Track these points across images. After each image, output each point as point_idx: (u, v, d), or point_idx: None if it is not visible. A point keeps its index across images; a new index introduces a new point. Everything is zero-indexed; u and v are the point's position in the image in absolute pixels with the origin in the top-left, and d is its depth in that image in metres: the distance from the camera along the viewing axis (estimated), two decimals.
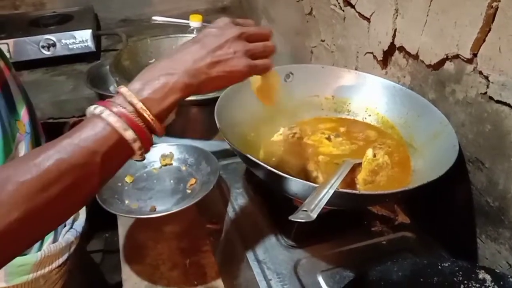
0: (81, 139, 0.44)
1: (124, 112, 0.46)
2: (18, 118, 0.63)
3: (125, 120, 0.45)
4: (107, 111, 0.45)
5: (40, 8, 1.64)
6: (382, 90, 0.81)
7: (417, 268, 0.60)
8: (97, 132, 0.45)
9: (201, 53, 0.52)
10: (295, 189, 0.60)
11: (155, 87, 0.48)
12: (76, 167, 0.43)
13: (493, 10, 0.59)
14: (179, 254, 0.79)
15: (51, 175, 0.41)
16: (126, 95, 0.47)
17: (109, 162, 0.46)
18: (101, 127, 0.45)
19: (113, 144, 0.45)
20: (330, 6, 1.03)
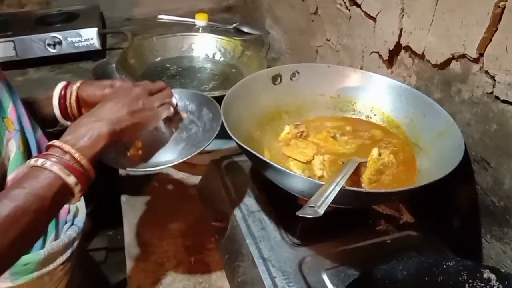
0: (31, 187, 0.51)
1: (64, 161, 0.53)
2: (5, 116, 0.64)
3: (66, 168, 0.53)
4: (49, 162, 0.52)
5: (46, 6, 1.65)
6: (387, 89, 0.81)
7: (422, 267, 0.60)
8: (43, 180, 0.52)
9: (118, 106, 0.63)
10: (301, 186, 0.60)
11: (85, 137, 0.57)
12: (30, 212, 0.50)
13: (500, 10, 0.59)
14: (184, 251, 0.80)
15: (9, 221, 0.48)
16: (63, 147, 0.54)
17: (54, 206, 0.53)
18: (46, 175, 0.52)
19: (58, 190, 0.52)
20: (335, 5, 1.03)
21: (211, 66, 1.07)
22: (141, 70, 1.00)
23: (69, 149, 0.54)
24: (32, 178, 0.52)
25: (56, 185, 0.52)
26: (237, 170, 0.82)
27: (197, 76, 1.03)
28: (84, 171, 0.55)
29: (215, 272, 0.76)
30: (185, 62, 1.07)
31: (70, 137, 0.57)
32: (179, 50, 1.08)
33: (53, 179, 0.52)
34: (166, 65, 1.05)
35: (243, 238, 0.69)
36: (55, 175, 0.52)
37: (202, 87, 0.98)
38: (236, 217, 0.72)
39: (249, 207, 0.74)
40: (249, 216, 0.72)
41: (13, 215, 0.48)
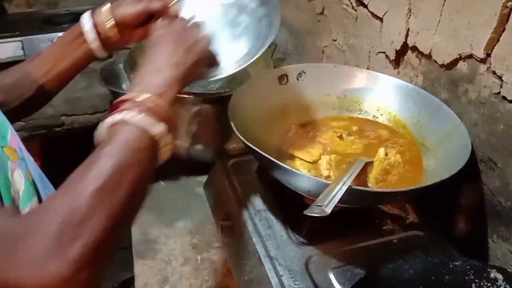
0: (121, 143, 0.46)
1: (144, 111, 0.48)
2: (6, 144, 0.55)
3: (149, 118, 0.48)
4: (128, 115, 0.47)
5: (53, 6, 1.66)
6: (394, 89, 0.82)
7: (428, 266, 0.60)
8: (130, 134, 0.47)
9: (171, 48, 0.57)
10: (308, 186, 0.60)
11: (154, 86, 0.52)
12: (131, 167, 0.45)
13: (507, 10, 0.59)
14: (191, 250, 0.80)
15: (116, 177, 0.43)
16: (136, 98, 0.49)
17: (151, 158, 0.48)
18: (132, 129, 0.47)
19: (147, 140, 0.48)
20: (342, 5, 1.03)
21: None
22: None
23: (143, 99, 0.49)
24: (117, 135, 0.47)
25: (144, 136, 0.47)
26: (244, 169, 0.83)
27: None
28: (165, 119, 0.50)
29: (222, 270, 0.77)
30: None
31: (139, 89, 0.51)
32: None
33: (139, 131, 0.47)
34: None
35: (250, 237, 0.69)
36: (139, 127, 0.47)
37: (209, 87, 0.99)
38: (243, 216, 0.72)
39: (255, 206, 0.74)
40: (255, 215, 0.73)
41: (116, 172, 0.44)
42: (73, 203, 0.40)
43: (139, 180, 0.46)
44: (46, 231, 0.38)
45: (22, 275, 0.37)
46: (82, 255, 0.38)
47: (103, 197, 0.41)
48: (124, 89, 1.23)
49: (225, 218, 0.77)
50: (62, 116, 1.33)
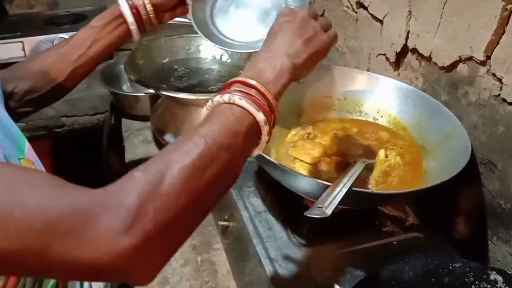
0: (221, 122, 0.45)
1: (251, 95, 0.47)
2: (23, 156, 0.55)
3: (255, 103, 0.46)
4: (236, 96, 0.46)
5: (54, 7, 1.66)
6: (394, 91, 0.82)
7: (428, 268, 0.60)
8: (232, 115, 0.45)
9: (290, 37, 0.55)
10: (308, 187, 0.60)
11: (267, 71, 0.50)
12: (225, 149, 0.43)
13: (507, 13, 0.60)
14: (191, 251, 0.80)
15: (205, 158, 0.41)
16: (247, 82, 0.48)
17: (247, 143, 0.47)
18: (235, 110, 0.46)
19: (249, 125, 0.46)
20: (342, 7, 1.03)
21: (218, 67, 1.08)
22: (149, 71, 1.00)
23: (254, 83, 0.48)
24: (220, 114, 0.46)
25: (247, 120, 0.46)
26: (244, 171, 0.83)
27: (204, 77, 1.04)
28: (271, 108, 0.49)
29: (222, 271, 0.77)
30: (192, 63, 1.08)
31: (251, 73, 0.50)
32: (186, 51, 1.09)
33: (243, 114, 0.46)
34: (174, 66, 1.05)
35: (250, 238, 0.69)
36: (244, 110, 0.46)
37: (210, 88, 0.99)
38: (243, 217, 0.73)
39: (255, 207, 0.75)
40: (255, 216, 0.73)
41: (208, 152, 0.42)
42: (156, 177, 0.38)
43: (230, 164, 0.44)
44: (122, 206, 0.36)
45: (93, 253, 0.35)
46: (156, 232, 0.37)
47: (189, 176, 0.40)
48: (125, 90, 1.23)
49: (225, 219, 0.77)
50: (62, 117, 1.33)
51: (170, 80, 1.01)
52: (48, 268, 0.36)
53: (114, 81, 1.22)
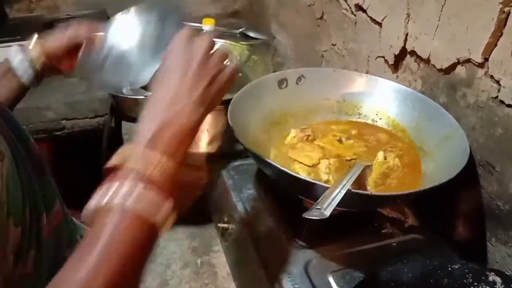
0: (105, 241, 0.37)
1: (140, 191, 0.38)
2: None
3: (146, 202, 0.38)
4: (117, 198, 0.38)
5: (54, 11, 1.67)
6: (393, 93, 0.82)
7: (427, 269, 0.61)
8: (119, 225, 0.38)
9: (192, 78, 0.47)
10: (308, 189, 0.61)
11: (167, 139, 0.43)
12: (121, 273, 0.37)
13: (505, 15, 0.60)
14: (191, 253, 0.80)
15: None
16: (132, 171, 0.39)
17: (144, 248, 0.40)
18: (117, 219, 0.38)
19: (141, 229, 0.39)
20: (341, 10, 1.04)
21: None
22: None
23: (144, 170, 0.39)
24: (104, 225, 0.38)
25: (141, 227, 0.38)
26: (243, 174, 0.83)
27: None
28: (171, 190, 0.41)
29: (222, 273, 0.77)
30: None
31: (144, 142, 0.42)
32: None
33: (132, 221, 0.38)
34: None
35: (249, 240, 0.69)
36: (133, 215, 0.38)
37: None
38: (242, 219, 0.73)
39: (254, 209, 0.75)
40: (255, 218, 0.73)
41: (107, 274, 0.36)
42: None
43: (130, 275, 0.38)
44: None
45: None
46: None
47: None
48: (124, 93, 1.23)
49: (225, 221, 0.77)
50: (62, 120, 1.33)
51: None
52: None
53: None
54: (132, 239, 0.38)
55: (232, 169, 0.84)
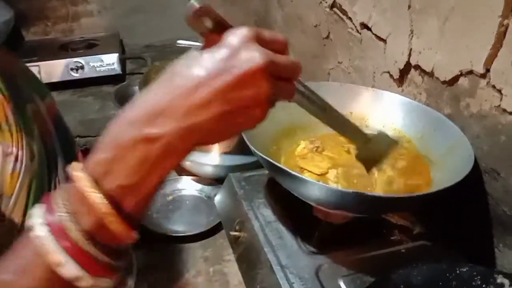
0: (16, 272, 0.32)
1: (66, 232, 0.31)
2: None
3: (65, 248, 0.31)
4: (37, 228, 0.31)
5: (69, 34, 1.73)
6: (398, 106, 0.85)
7: (436, 272, 0.62)
8: (26, 264, 0.32)
9: (203, 94, 0.33)
10: (317, 193, 0.63)
11: (127, 168, 0.32)
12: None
13: (504, 28, 0.63)
14: (203, 262, 0.82)
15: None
16: (82, 189, 0.32)
17: None
18: (31, 256, 0.32)
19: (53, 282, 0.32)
20: (347, 29, 1.08)
21: None
22: None
23: (91, 194, 0.31)
24: (17, 254, 0.33)
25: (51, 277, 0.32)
26: (255, 183, 0.85)
27: None
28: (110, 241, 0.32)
29: (234, 282, 0.78)
30: None
31: (102, 164, 0.33)
32: None
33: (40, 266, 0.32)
34: None
35: (261, 247, 0.71)
36: (43, 260, 0.31)
37: None
38: (254, 227, 0.75)
39: (266, 217, 0.77)
40: (266, 226, 0.75)
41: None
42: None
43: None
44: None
45: None
46: None
47: None
48: None
49: (236, 229, 0.79)
50: (76, 138, 1.37)
51: None
52: None
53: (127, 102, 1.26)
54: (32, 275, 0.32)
55: (243, 180, 0.86)
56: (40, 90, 0.64)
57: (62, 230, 0.31)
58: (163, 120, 0.33)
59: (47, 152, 0.56)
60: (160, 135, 0.33)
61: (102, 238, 0.32)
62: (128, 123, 0.34)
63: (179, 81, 0.34)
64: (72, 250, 0.31)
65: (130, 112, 0.35)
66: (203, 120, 0.34)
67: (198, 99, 0.33)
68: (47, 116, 0.62)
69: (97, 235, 0.32)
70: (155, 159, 0.33)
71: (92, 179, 0.32)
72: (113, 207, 0.31)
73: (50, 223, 0.32)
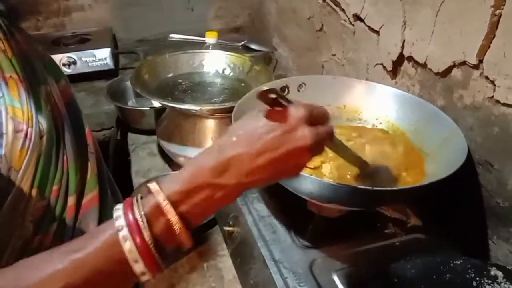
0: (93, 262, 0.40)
1: (146, 242, 0.40)
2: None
3: (141, 252, 0.40)
4: (125, 232, 0.40)
5: (61, 29, 1.71)
6: (392, 98, 0.84)
7: (430, 265, 0.62)
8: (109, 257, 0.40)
9: (264, 161, 0.43)
10: (310, 187, 0.62)
11: (197, 201, 0.42)
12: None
13: (496, 18, 0.62)
14: (197, 257, 0.82)
15: None
16: (162, 206, 0.41)
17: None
18: (115, 252, 0.40)
19: (119, 272, 0.41)
20: (340, 21, 1.07)
21: (221, 80, 1.11)
22: (154, 84, 1.04)
23: (169, 214, 0.41)
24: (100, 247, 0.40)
25: (119, 269, 0.40)
26: None
27: (208, 90, 1.07)
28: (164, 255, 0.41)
29: (228, 277, 0.78)
30: (196, 77, 1.11)
31: (178, 194, 0.42)
32: (190, 66, 1.12)
33: (118, 261, 0.40)
34: (178, 81, 1.09)
35: (255, 241, 0.71)
36: (123, 257, 0.40)
37: (213, 100, 1.02)
38: (248, 222, 0.74)
39: (259, 212, 0.76)
40: (260, 221, 0.74)
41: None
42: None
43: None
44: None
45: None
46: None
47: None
48: (130, 105, 1.26)
49: (230, 224, 0.79)
50: None
51: (174, 94, 1.04)
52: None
53: (119, 97, 1.26)
54: (106, 267, 0.40)
55: None
56: (56, 73, 0.71)
57: (139, 228, 0.40)
58: (229, 175, 0.43)
59: (56, 131, 0.61)
60: (224, 185, 0.43)
61: (166, 241, 0.41)
62: (204, 169, 0.43)
63: (247, 144, 0.44)
64: (142, 249, 0.40)
65: (207, 160, 0.43)
66: (259, 179, 0.44)
67: (260, 164, 0.43)
68: (60, 98, 0.66)
69: (163, 239, 0.41)
70: (216, 200, 0.43)
71: (168, 200, 0.41)
72: (181, 220, 0.41)
73: (129, 221, 0.40)
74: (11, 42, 0.58)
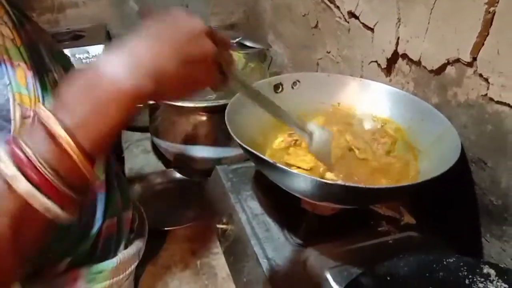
0: None
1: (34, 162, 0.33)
2: None
3: (36, 181, 0.34)
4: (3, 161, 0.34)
5: (55, 25, 1.70)
6: (386, 96, 0.84)
7: (422, 263, 0.62)
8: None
9: (165, 49, 0.41)
10: (303, 186, 0.62)
11: (91, 104, 0.36)
12: None
13: (490, 16, 0.62)
14: (191, 255, 0.81)
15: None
16: (47, 123, 0.34)
17: (25, 232, 0.35)
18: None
19: (22, 212, 0.34)
20: (335, 18, 1.06)
21: None
22: None
23: (55, 128, 0.34)
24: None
25: (18, 207, 0.34)
26: (242, 176, 0.85)
27: None
28: (72, 174, 0.35)
29: (221, 275, 0.78)
30: None
31: (61, 107, 0.36)
32: None
33: (12, 195, 0.34)
34: None
35: (248, 240, 0.70)
36: (13, 191, 0.34)
37: (207, 97, 1.01)
38: (241, 220, 0.74)
39: (253, 210, 0.76)
40: (253, 219, 0.74)
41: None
42: None
43: None
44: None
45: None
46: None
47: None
48: None
49: (224, 222, 0.79)
50: None
51: None
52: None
53: None
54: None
55: (230, 172, 0.85)
56: (65, 62, 0.72)
57: (29, 162, 0.34)
58: (134, 66, 0.40)
59: None
60: (127, 77, 0.39)
61: (64, 170, 0.35)
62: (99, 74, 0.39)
63: (141, 41, 0.43)
64: (44, 187, 0.34)
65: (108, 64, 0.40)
66: (167, 68, 0.41)
67: (161, 51, 0.41)
68: None
69: (59, 166, 0.35)
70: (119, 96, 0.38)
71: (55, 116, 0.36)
72: (72, 139, 0.35)
73: (16, 156, 0.34)
74: (20, 31, 0.59)
